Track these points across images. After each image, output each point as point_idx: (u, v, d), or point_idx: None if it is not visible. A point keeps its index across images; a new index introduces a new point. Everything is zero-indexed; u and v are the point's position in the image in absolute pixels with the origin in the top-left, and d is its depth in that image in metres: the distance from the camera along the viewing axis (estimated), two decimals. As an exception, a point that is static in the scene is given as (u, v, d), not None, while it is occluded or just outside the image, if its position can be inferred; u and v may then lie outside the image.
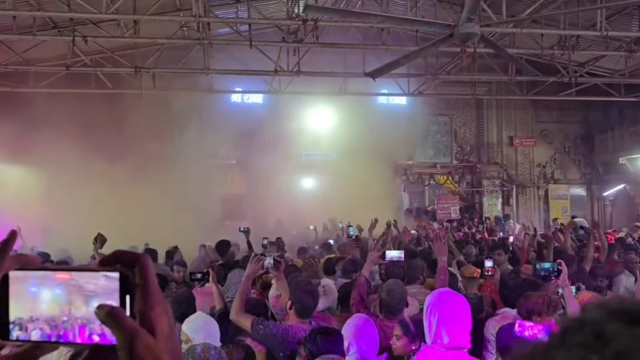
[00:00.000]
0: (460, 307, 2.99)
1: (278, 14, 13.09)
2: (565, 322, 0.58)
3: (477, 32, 7.64)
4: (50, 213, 11.93)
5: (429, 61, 13.50)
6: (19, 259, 0.77)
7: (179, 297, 4.57)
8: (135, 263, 0.74)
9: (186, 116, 15.55)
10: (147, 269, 0.74)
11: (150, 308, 0.72)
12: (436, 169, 19.26)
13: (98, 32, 11.16)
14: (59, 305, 0.75)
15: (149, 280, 0.73)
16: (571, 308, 3.91)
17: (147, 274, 0.73)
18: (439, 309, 2.94)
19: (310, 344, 3.13)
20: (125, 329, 0.70)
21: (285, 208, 15.26)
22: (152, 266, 0.76)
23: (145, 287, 0.73)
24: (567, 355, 0.52)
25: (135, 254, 0.75)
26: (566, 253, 6.82)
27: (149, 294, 0.73)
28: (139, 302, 0.72)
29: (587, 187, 20.23)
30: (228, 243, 8.38)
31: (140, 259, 0.74)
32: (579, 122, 20.02)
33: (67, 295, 0.75)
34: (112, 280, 0.74)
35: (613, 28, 11.51)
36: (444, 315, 2.92)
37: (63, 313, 0.75)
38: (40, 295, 0.75)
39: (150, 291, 0.73)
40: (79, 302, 0.75)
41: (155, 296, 0.73)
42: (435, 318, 2.94)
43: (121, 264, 0.74)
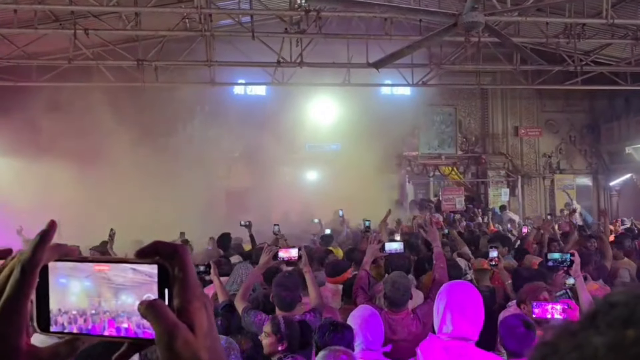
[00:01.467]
0: (469, 298, 2.97)
1: (280, 4, 13.00)
2: (593, 306, 0.55)
3: (481, 21, 7.57)
4: (53, 207, 11.90)
5: (433, 51, 13.42)
6: (59, 249, 0.74)
7: None
8: (174, 254, 0.71)
9: (189, 109, 15.54)
10: (187, 260, 0.71)
11: (189, 302, 0.70)
12: (441, 160, 19.19)
13: (100, 25, 11.12)
14: (88, 297, 0.73)
15: (188, 273, 0.71)
16: (583, 298, 3.89)
17: (187, 266, 0.71)
18: (447, 298, 2.95)
19: (318, 337, 3.16)
20: (166, 323, 0.67)
21: (289, 200, 15.24)
22: (191, 258, 0.73)
23: (184, 280, 0.70)
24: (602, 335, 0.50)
25: (174, 245, 0.73)
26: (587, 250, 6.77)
27: (188, 287, 0.70)
28: (178, 295, 0.70)
29: (593, 177, 20.14)
30: (229, 236, 8.34)
31: (179, 250, 0.72)
32: (584, 111, 19.91)
33: (97, 287, 0.73)
34: (142, 274, 0.72)
35: (619, 16, 11.38)
36: (451, 305, 2.92)
37: (92, 306, 0.73)
38: (69, 286, 0.74)
39: (189, 284, 0.70)
40: (108, 294, 0.73)
41: (194, 290, 0.71)
42: (442, 307, 2.95)
43: (159, 256, 0.71)
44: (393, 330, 3.91)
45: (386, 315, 3.95)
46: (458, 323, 2.87)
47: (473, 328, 2.91)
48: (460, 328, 2.88)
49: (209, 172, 14.59)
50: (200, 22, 10.85)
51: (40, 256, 0.71)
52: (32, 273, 0.70)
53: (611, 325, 0.50)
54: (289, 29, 11.70)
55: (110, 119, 12.84)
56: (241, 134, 15.90)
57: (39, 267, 0.71)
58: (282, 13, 11.78)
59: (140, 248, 0.73)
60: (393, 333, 3.89)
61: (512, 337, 3.26)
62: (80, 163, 12.73)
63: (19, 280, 0.69)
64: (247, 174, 16.36)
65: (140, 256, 0.72)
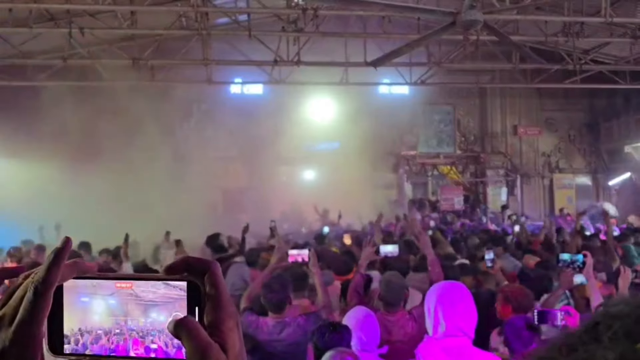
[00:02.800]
0: (459, 295, 2.97)
1: (277, 3, 12.93)
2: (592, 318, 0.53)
3: (480, 19, 7.56)
4: (49, 207, 11.87)
5: (432, 50, 13.39)
6: (76, 267, 0.69)
7: None
8: (206, 271, 0.68)
9: (185, 108, 15.51)
10: (219, 277, 0.68)
11: (222, 321, 0.66)
12: (439, 159, 19.18)
13: (95, 24, 11.09)
14: (112, 316, 0.70)
15: (220, 290, 0.67)
16: (595, 300, 3.87)
17: (219, 282, 0.68)
18: (437, 298, 2.94)
19: (319, 338, 3.12)
20: (198, 342, 0.63)
21: (286, 200, 15.22)
22: (222, 275, 0.70)
23: (216, 298, 0.67)
24: (608, 350, 0.48)
25: (206, 261, 0.69)
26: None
27: (220, 305, 0.67)
28: (210, 313, 0.67)
29: (592, 176, 20.13)
30: (217, 237, 8.26)
31: (211, 266, 0.68)
32: (584, 110, 19.88)
33: (123, 305, 0.70)
34: (175, 289, 0.69)
35: (618, 14, 11.37)
36: (442, 304, 2.91)
37: (117, 325, 0.70)
38: (91, 305, 0.70)
39: (222, 302, 0.67)
40: (136, 312, 0.70)
41: (227, 308, 0.68)
42: (432, 307, 2.94)
43: (189, 272, 0.68)
44: (389, 332, 3.89)
45: (382, 317, 3.93)
46: (451, 321, 2.88)
47: (467, 324, 2.92)
48: (454, 326, 2.88)
49: (206, 172, 14.54)
50: (196, 20, 10.84)
51: (55, 276, 0.66)
52: (46, 294, 0.65)
53: (616, 339, 0.48)
54: (286, 27, 11.67)
55: (106, 118, 12.78)
56: (238, 133, 15.87)
57: (53, 288, 0.66)
58: (279, 11, 11.75)
59: (169, 264, 0.70)
60: (389, 334, 3.87)
61: (518, 338, 3.25)
62: (75, 162, 12.68)
63: (32, 302, 0.64)
64: (244, 173, 16.35)
65: (170, 272, 0.69)
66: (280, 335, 3.81)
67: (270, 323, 3.85)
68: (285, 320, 3.85)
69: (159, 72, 12.85)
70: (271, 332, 3.82)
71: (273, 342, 3.81)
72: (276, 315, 3.88)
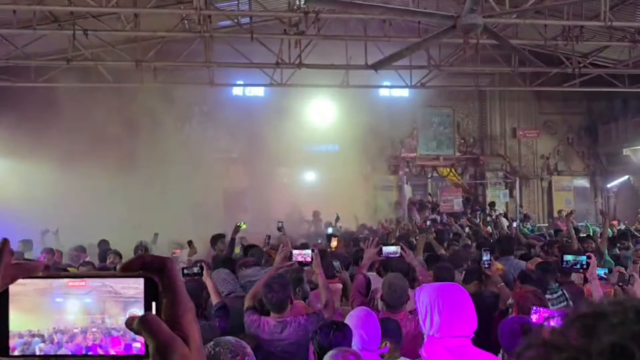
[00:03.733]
0: (458, 296, 2.97)
1: (279, 6, 13.01)
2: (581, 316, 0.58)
3: (479, 23, 7.60)
4: (51, 208, 11.91)
5: (432, 53, 13.43)
6: (20, 268, 0.70)
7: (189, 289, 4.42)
8: (163, 268, 0.70)
9: (188, 110, 15.54)
10: (175, 273, 0.70)
11: (182, 315, 0.69)
12: (439, 161, 19.24)
13: (98, 26, 11.11)
14: (88, 315, 0.70)
15: (178, 286, 0.70)
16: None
17: (176, 278, 0.70)
18: (437, 299, 2.92)
19: (321, 337, 3.12)
20: (163, 337, 0.66)
21: (286, 201, 15.26)
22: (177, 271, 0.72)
23: (174, 293, 0.69)
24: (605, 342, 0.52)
25: (162, 258, 0.71)
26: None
27: (179, 300, 0.69)
28: (170, 308, 0.69)
29: (590, 179, 20.19)
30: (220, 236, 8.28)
31: (168, 263, 0.70)
32: (582, 113, 19.96)
33: (99, 303, 0.70)
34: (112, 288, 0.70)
35: (617, 18, 11.42)
36: (439, 304, 2.89)
37: (93, 323, 0.70)
38: (66, 305, 0.70)
39: (180, 297, 0.69)
40: (114, 310, 0.70)
41: (186, 302, 0.70)
42: (438, 309, 2.90)
43: (146, 269, 0.70)
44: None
45: (384, 317, 3.95)
46: (451, 321, 2.88)
47: (469, 325, 2.93)
48: (456, 326, 2.88)
49: (207, 173, 14.58)
50: (199, 23, 10.85)
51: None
52: None
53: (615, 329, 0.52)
54: (288, 30, 11.70)
55: (109, 120, 12.83)
56: (239, 135, 15.92)
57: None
58: (281, 14, 11.80)
59: (125, 262, 0.71)
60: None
61: (514, 339, 3.27)
62: (77, 163, 12.71)
63: None
64: (245, 174, 16.38)
65: (126, 270, 0.70)
66: (281, 334, 3.82)
67: (271, 323, 3.85)
68: (287, 319, 3.86)
69: (162, 74, 12.89)
70: (272, 331, 3.83)
71: (274, 341, 3.82)
72: (277, 314, 3.89)
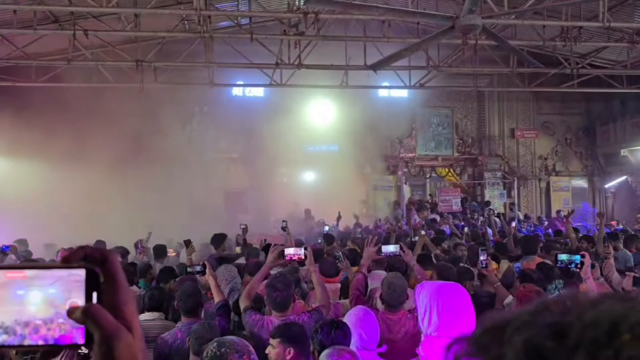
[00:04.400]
0: (459, 297, 2.96)
1: (279, 6, 13.06)
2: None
3: (478, 23, 7.63)
4: (51, 207, 11.95)
5: (431, 53, 13.46)
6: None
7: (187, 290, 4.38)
8: (104, 259, 0.71)
9: (188, 110, 15.57)
10: (117, 264, 0.72)
11: (125, 304, 0.70)
12: (438, 162, 19.28)
13: (99, 26, 11.14)
14: (52, 306, 0.71)
15: (119, 276, 0.71)
16: None
17: (117, 269, 0.72)
18: (434, 298, 2.92)
19: (322, 335, 3.14)
20: (109, 326, 0.68)
21: (287, 201, 15.30)
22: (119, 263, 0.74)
23: (116, 283, 0.71)
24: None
25: (103, 250, 0.73)
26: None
27: (121, 290, 0.71)
28: (112, 298, 0.70)
29: (588, 179, 20.24)
30: (223, 236, 8.33)
31: (109, 255, 0.72)
32: (580, 113, 20.01)
33: (64, 293, 0.71)
34: (80, 277, 0.71)
35: (615, 19, 11.47)
36: (439, 304, 2.89)
37: (58, 314, 0.71)
38: (28, 297, 0.70)
39: (122, 287, 0.71)
40: (83, 299, 0.71)
41: (127, 292, 0.72)
42: (427, 306, 2.91)
43: (87, 261, 0.71)
44: (390, 330, 3.91)
45: (383, 315, 3.96)
46: (450, 320, 2.89)
47: (467, 326, 2.92)
48: (455, 326, 2.85)
49: (208, 173, 14.62)
50: (199, 23, 10.87)
51: None
52: None
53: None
54: (288, 30, 11.72)
55: (109, 120, 12.87)
56: (239, 135, 15.97)
57: None
58: (281, 15, 11.83)
59: (67, 253, 0.72)
60: (390, 332, 3.89)
61: None
62: (78, 164, 12.74)
63: None
64: (245, 175, 16.42)
65: (68, 261, 0.71)
66: None
67: (275, 322, 3.82)
68: (290, 318, 3.84)
69: (162, 74, 12.90)
70: None
71: None
72: (280, 313, 3.89)
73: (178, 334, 3.93)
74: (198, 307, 4.16)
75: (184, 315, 4.14)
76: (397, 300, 4.04)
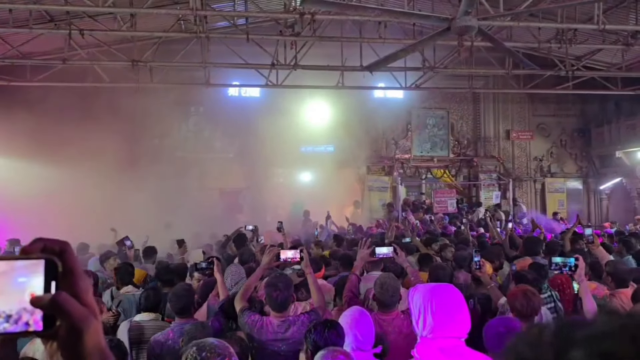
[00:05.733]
0: (453, 298, 2.95)
1: (275, 7, 13.06)
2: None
3: (474, 25, 7.63)
4: (46, 207, 11.91)
5: (426, 55, 13.50)
6: None
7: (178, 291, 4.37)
8: (63, 250, 0.73)
9: (184, 110, 15.55)
10: (74, 255, 0.75)
11: (86, 292, 0.73)
12: (433, 163, 19.31)
13: (95, 26, 11.14)
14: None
15: (77, 266, 0.74)
16: (588, 304, 3.89)
17: (74, 260, 0.74)
18: (432, 300, 2.89)
19: (316, 335, 3.14)
20: (79, 313, 0.70)
21: (283, 201, 15.31)
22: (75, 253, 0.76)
23: (75, 273, 0.73)
24: None
25: (61, 242, 0.75)
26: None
27: (80, 278, 0.73)
28: (72, 287, 0.72)
29: (583, 181, 20.30)
30: (245, 237, 8.38)
31: (66, 246, 0.74)
32: (575, 115, 20.08)
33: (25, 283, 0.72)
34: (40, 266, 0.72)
35: (610, 21, 11.52)
36: (433, 305, 2.88)
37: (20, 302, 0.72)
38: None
39: (81, 276, 0.73)
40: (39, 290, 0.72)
41: (86, 281, 0.74)
42: (422, 308, 2.89)
43: (45, 252, 0.73)
44: (384, 330, 3.90)
45: (377, 316, 3.96)
46: (445, 321, 2.89)
47: (462, 326, 2.92)
48: (449, 327, 2.86)
49: (203, 173, 14.63)
50: (195, 23, 10.87)
51: None
52: None
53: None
54: (284, 31, 11.74)
55: (105, 120, 12.84)
56: (235, 136, 15.96)
57: None
58: (277, 15, 11.83)
59: (26, 245, 0.74)
60: (384, 333, 3.87)
61: (498, 340, 3.30)
62: (73, 163, 12.70)
63: None
64: (241, 175, 16.41)
65: (27, 252, 0.73)
66: (285, 333, 3.83)
67: (274, 322, 3.85)
68: (290, 318, 3.87)
69: (158, 74, 12.90)
70: (276, 331, 3.84)
71: (278, 341, 3.83)
72: (280, 314, 3.90)
73: (170, 334, 3.94)
74: (189, 307, 4.16)
75: (176, 315, 4.16)
76: (390, 300, 4.04)
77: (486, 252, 6.48)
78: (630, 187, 18.37)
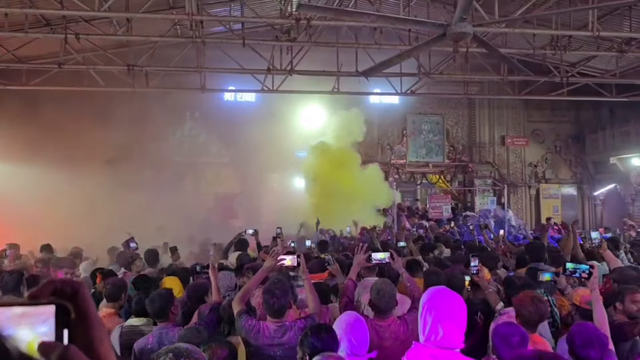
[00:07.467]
0: (455, 306, 2.93)
1: (271, 12, 13.08)
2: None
3: (469, 31, 7.64)
4: (41, 212, 11.87)
5: (422, 60, 13.54)
6: None
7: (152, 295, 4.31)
8: (75, 293, 0.65)
9: (179, 114, 15.54)
10: (88, 297, 0.66)
11: (100, 341, 0.66)
12: (428, 168, 19.35)
13: (91, 30, 11.11)
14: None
15: (91, 310, 0.66)
16: (598, 312, 3.83)
17: (89, 303, 0.66)
18: (435, 307, 2.90)
19: (312, 338, 3.14)
20: None
21: (277, 207, 15.28)
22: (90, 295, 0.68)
23: (89, 319, 0.65)
24: None
25: (73, 283, 0.67)
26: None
27: (94, 325, 0.66)
28: (85, 335, 0.65)
29: (578, 187, 20.38)
30: (246, 243, 8.36)
31: (79, 288, 0.66)
32: (570, 121, 20.17)
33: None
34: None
35: (604, 28, 11.58)
36: (440, 313, 2.86)
37: None
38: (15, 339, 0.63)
39: (96, 322, 0.66)
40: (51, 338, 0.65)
41: (101, 327, 0.67)
42: (430, 316, 2.88)
43: (56, 296, 0.65)
44: (380, 336, 3.91)
45: (373, 322, 3.95)
46: (445, 331, 2.86)
47: (459, 335, 2.88)
48: (447, 336, 2.85)
49: (199, 178, 14.61)
50: (191, 28, 10.85)
51: None
52: None
53: None
54: (280, 36, 11.76)
55: (100, 124, 12.82)
56: (231, 140, 15.95)
57: None
58: (273, 21, 11.84)
59: (34, 290, 0.65)
60: (380, 339, 3.89)
61: (507, 345, 3.28)
62: (68, 168, 12.68)
63: None
64: (236, 179, 16.40)
65: (36, 297, 0.65)
66: (282, 339, 3.82)
67: (271, 327, 3.85)
68: (286, 323, 3.87)
69: (154, 78, 12.88)
70: (273, 336, 3.83)
71: (274, 346, 3.82)
72: (276, 319, 3.90)
73: (150, 339, 3.95)
74: (165, 310, 4.14)
75: (155, 319, 4.16)
76: (387, 306, 4.03)
77: (483, 257, 6.46)
78: (625, 193, 18.45)
